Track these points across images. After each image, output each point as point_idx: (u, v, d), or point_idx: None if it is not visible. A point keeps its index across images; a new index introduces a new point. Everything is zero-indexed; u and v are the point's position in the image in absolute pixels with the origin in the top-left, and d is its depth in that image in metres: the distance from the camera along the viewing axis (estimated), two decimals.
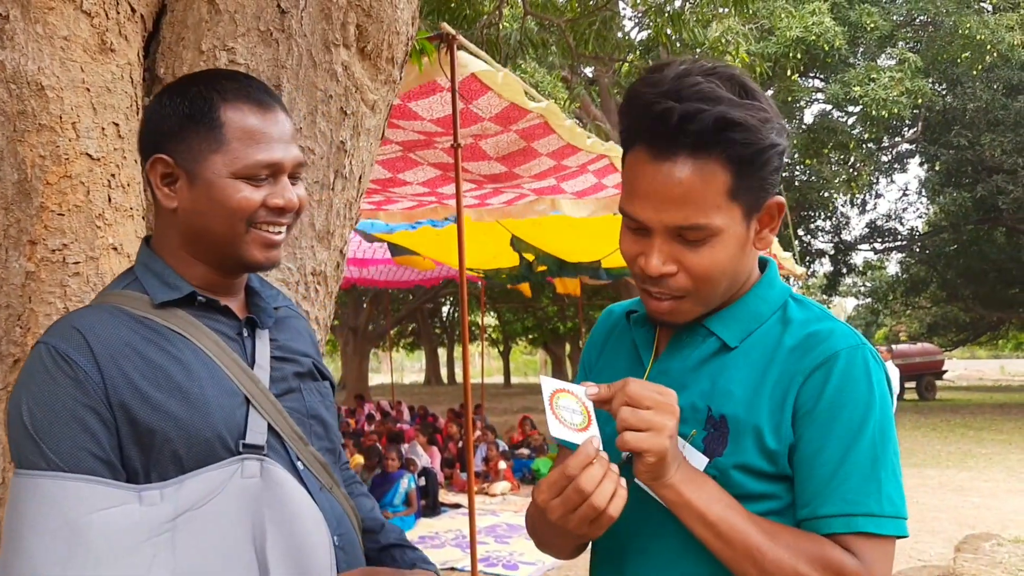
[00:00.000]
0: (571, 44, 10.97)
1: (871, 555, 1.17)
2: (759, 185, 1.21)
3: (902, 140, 24.52)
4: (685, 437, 1.24)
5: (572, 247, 9.58)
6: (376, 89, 2.11)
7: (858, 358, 1.22)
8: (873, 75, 17.88)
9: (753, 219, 1.24)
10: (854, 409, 1.20)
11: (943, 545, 7.44)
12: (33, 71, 1.57)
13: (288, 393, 1.38)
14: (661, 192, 1.17)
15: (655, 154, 1.18)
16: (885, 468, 1.21)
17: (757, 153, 1.16)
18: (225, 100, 1.29)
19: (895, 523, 1.19)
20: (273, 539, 1.19)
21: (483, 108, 4.90)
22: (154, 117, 1.33)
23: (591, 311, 30.21)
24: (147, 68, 1.87)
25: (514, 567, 6.85)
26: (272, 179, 1.31)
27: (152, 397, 1.21)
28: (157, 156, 1.30)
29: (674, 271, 1.23)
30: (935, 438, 15.69)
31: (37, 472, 1.15)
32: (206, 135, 1.28)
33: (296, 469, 1.32)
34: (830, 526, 1.18)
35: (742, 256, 1.26)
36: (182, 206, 1.31)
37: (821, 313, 1.31)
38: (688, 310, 1.28)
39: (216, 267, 1.35)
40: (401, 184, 6.46)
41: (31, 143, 1.57)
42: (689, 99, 1.14)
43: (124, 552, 1.13)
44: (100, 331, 1.23)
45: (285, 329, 1.47)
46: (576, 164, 6.03)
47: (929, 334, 31.38)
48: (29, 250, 1.58)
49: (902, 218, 29.13)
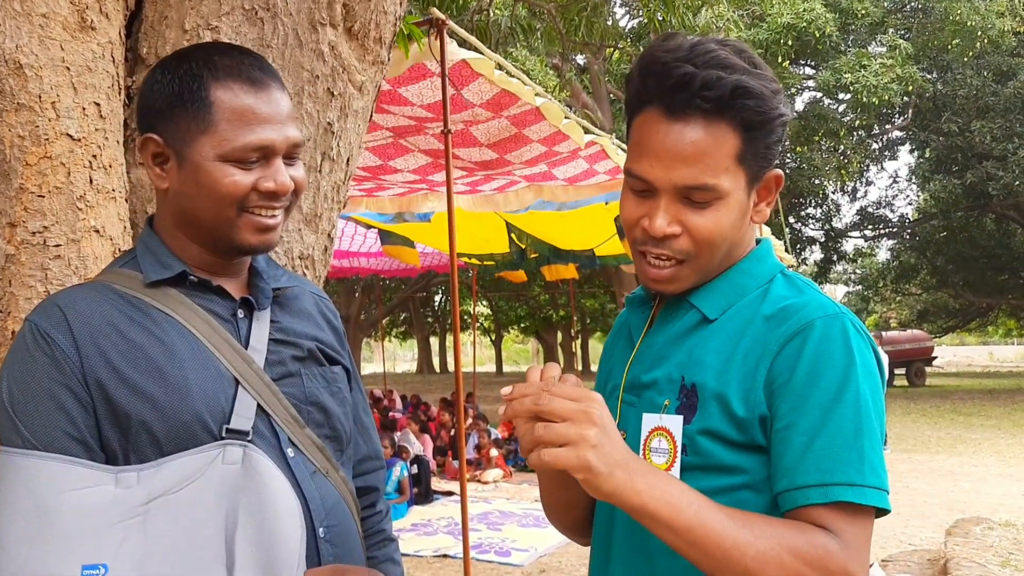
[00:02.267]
0: (561, 30, 10.92)
1: (851, 529, 1.10)
2: (764, 153, 1.22)
3: (892, 127, 24.57)
4: (660, 407, 1.24)
5: (566, 235, 9.57)
6: (364, 70, 2.07)
7: (835, 327, 1.18)
8: (864, 62, 17.90)
9: (754, 189, 1.25)
10: (832, 377, 1.15)
11: (933, 529, 7.47)
12: (11, 49, 1.53)
13: (286, 378, 1.33)
14: (673, 151, 1.18)
15: (669, 114, 1.19)
16: (868, 437, 1.14)
17: (766, 121, 1.19)
18: (216, 78, 1.24)
19: (877, 494, 1.12)
20: (243, 528, 1.15)
21: (474, 94, 4.87)
22: (146, 94, 1.29)
23: (583, 299, 30.23)
24: (129, 48, 1.83)
25: (507, 553, 6.86)
26: (264, 161, 1.26)
27: (129, 377, 1.18)
28: (148, 136, 1.26)
29: (678, 232, 1.22)
30: (925, 424, 15.76)
31: (12, 450, 1.14)
32: (194, 116, 1.23)
33: (285, 456, 1.28)
34: (807, 497, 1.12)
35: (742, 225, 1.26)
36: (172, 187, 1.27)
37: (805, 287, 1.27)
38: (686, 276, 1.26)
39: (211, 249, 1.31)
40: (392, 171, 6.43)
41: (9, 123, 1.53)
42: (708, 65, 1.17)
43: (93, 534, 1.10)
44: (82, 309, 1.21)
45: (290, 310, 1.41)
46: (567, 150, 6.01)
47: (919, 321, 31.51)
48: (8, 232, 1.54)
49: (892, 205, 29.24)
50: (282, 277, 1.41)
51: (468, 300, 23.14)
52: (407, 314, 36.90)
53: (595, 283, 26.31)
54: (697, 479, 1.15)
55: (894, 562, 5.17)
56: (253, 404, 1.26)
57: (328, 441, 1.38)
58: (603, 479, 1.04)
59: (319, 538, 1.28)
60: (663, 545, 1.12)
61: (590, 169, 6.66)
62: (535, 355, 55.72)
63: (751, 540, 1.07)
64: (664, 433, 1.22)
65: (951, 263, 26.11)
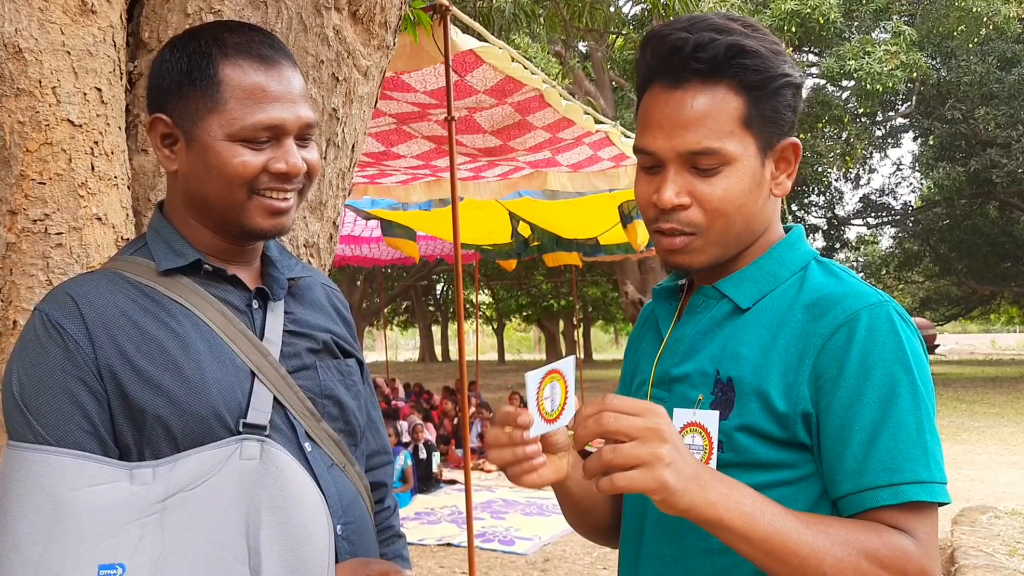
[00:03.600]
0: (564, 17, 10.86)
1: (923, 528, 1.07)
2: (772, 118, 1.19)
3: (896, 114, 24.45)
4: (693, 402, 1.19)
5: (569, 224, 9.52)
6: (369, 55, 2.04)
7: (882, 315, 1.13)
8: (868, 48, 17.78)
9: (768, 157, 1.20)
10: (885, 368, 1.10)
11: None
12: (10, 33, 1.50)
13: (301, 370, 1.30)
14: (674, 118, 1.17)
15: (669, 83, 1.18)
16: (930, 430, 1.11)
17: (768, 80, 1.16)
18: (225, 56, 1.21)
19: (943, 490, 1.10)
20: (268, 527, 1.11)
21: (477, 81, 4.83)
22: (156, 73, 1.25)
23: (585, 288, 30.18)
24: (131, 32, 1.80)
25: (510, 542, 6.85)
26: (275, 141, 1.22)
27: (144, 370, 1.15)
28: (157, 116, 1.23)
29: (687, 203, 1.18)
30: None
31: (24, 445, 1.10)
32: (203, 94, 1.20)
33: (303, 450, 1.24)
34: (877, 499, 1.08)
35: (757, 196, 1.20)
36: (181, 169, 1.24)
37: (843, 274, 1.22)
38: (700, 248, 1.21)
39: (222, 234, 1.27)
40: (395, 157, 6.39)
41: (9, 108, 1.50)
42: (701, 29, 1.16)
43: (109, 532, 1.07)
44: (94, 298, 1.17)
45: (304, 301, 1.38)
46: (571, 137, 5.97)
47: (922, 308, 31.45)
48: (9, 220, 1.52)
49: (895, 193, 29.13)
50: (296, 267, 1.37)
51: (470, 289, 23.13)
52: (409, 303, 36.88)
53: (597, 271, 26.25)
54: (734, 477, 1.09)
55: None
56: (270, 397, 1.22)
57: (343, 435, 1.34)
58: (679, 497, 0.99)
59: (336, 536, 1.24)
60: (698, 545, 1.11)
61: (594, 156, 6.62)
62: (537, 343, 55.72)
63: (828, 547, 1.04)
64: (699, 429, 1.17)
65: (954, 251, 26.02)
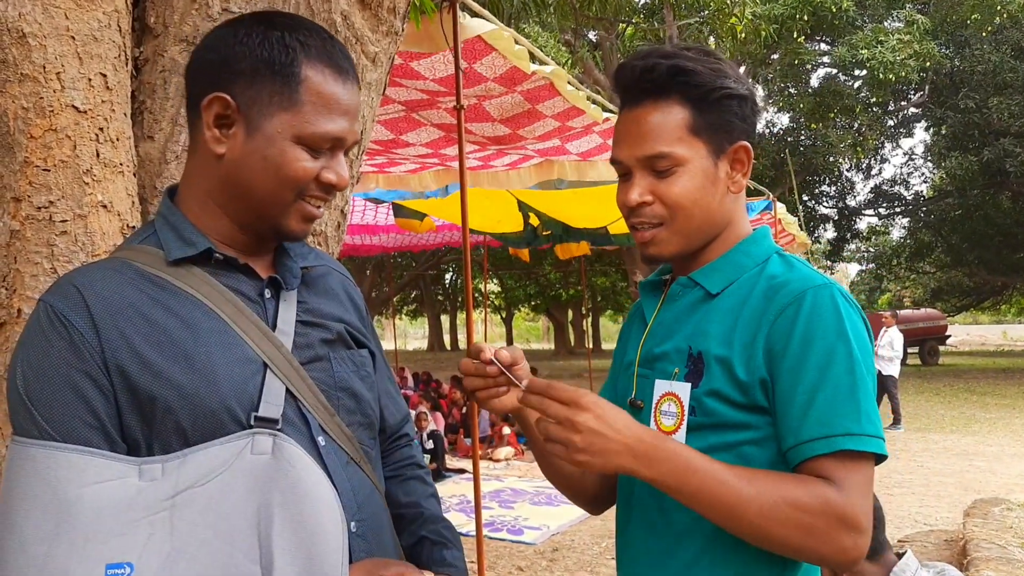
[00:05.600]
0: (574, 5, 10.79)
1: (852, 476, 1.22)
2: (720, 124, 1.39)
3: (908, 104, 24.30)
4: (671, 375, 1.39)
5: (579, 213, 9.49)
6: (377, 41, 2.01)
7: (824, 296, 1.30)
8: (881, 37, 17.66)
9: (722, 159, 1.41)
10: (824, 339, 1.27)
11: (949, 509, 7.43)
12: (13, 17, 1.48)
13: (315, 361, 1.26)
14: (632, 132, 1.41)
15: (630, 104, 1.42)
16: (862, 391, 1.26)
17: (709, 92, 1.37)
18: (308, 56, 1.18)
19: (875, 442, 1.24)
20: (280, 524, 1.08)
21: (487, 68, 4.80)
22: (222, 50, 1.19)
23: (594, 277, 30.14)
24: (136, 17, 1.77)
25: (519, 532, 6.85)
26: (330, 152, 1.21)
27: (153, 363, 1.11)
28: (218, 95, 1.17)
29: (650, 200, 1.40)
30: (939, 403, 15.69)
31: (28, 440, 1.07)
32: (281, 88, 1.17)
33: (316, 444, 1.21)
34: (812, 449, 1.24)
35: (713, 192, 1.41)
36: (231, 155, 1.19)
37: (797, 264, 1.41)
38: (667, 239, 1.42)
39: (244, 226, 1.24)
40: (404, 145, 6.36)
41: (13, 94, 1.48)
42: (653, 57, 1.39)
43: (117, 530, 1.04)
44: (101, 289, 1.13)
45: (317, 290, 1.35)
46: (581, 125, 5.93)
47: (932, 299, 31.30)
48: (13, 207, 1.50)
49: (907, 183, 28.99)
50: (309, 255, 1.34)
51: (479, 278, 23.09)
52: (418, 292, 36.91)
53: (606, 261, 26.21)
54: (706, 436, 1.33)
55: (911, 543, 5.13)
56: (282, 389, 1.19)
57: (361, 428, 1.31)
58: (593, 466, 1.22)
59: (350, 533, 1.21)
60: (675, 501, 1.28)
61: (603, 144, 6.58)
62: (546, 333, 55.71)
63: (754, 496, 1.21)
64: (673, 398, 1.38)
65: (966, 241, 25.87)
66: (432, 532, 1.43)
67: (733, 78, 1.40)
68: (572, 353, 34.56)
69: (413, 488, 1.48)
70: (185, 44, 1.72)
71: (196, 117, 1.22)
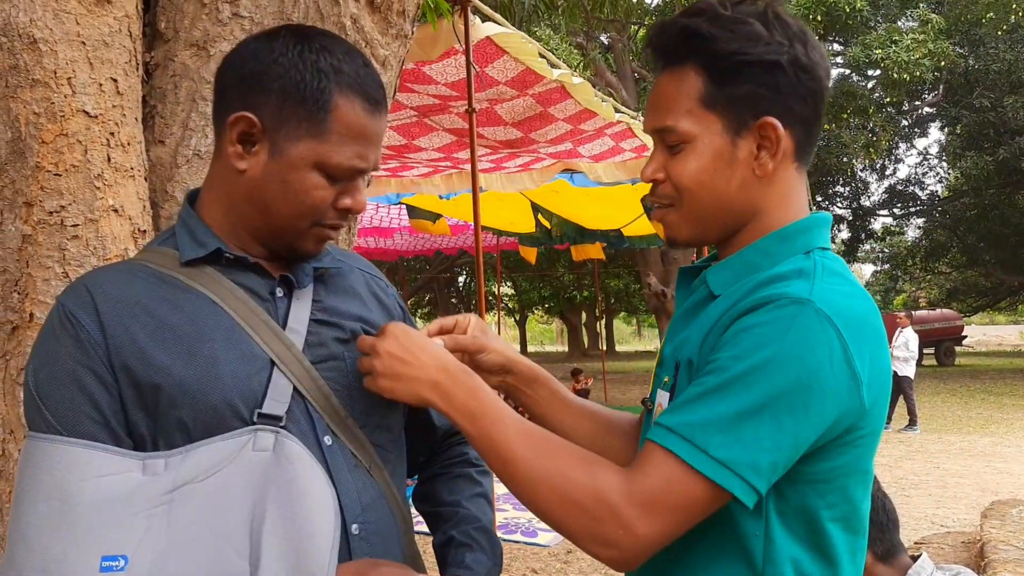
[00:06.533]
0: (585, 7, 10.79)
1: (654, 473, 1.07)
2: (741, 98, 1.19)
3: (923, 104, 24.16)
4: (663, 383, 1.26)
5: (592, 215, 9.48)
6: (387, 44, 2.02)
7: (787, 312, 1.08)
8: (895, 37, 17.56)
9: (744, 138, 1.20)
10: (743, 348, 1.08)
11: (966, 511, 7.37)
12: (25, 23, 1.49)
13: (328, 361, 1.26)
14: (650, 102, 1.27)
15: (657, 71, 1.27)
16: (726, 401, 1.06)
17: (726, 59, 1.17)
18: (339, 84, 1.17)
19: (690, 450, 1.05)
20: (272, 520, 1.09)
21: (498, 72, 4.81)
22: (254, 65, 1.18)
23: (607, 279, 30.10)
24: (147, 23, 1.78)
25: (533, 534, 6.84)
26: (349, 179, 1.21)
27: (156, 359, 1.13)
28: (243, 114, 1.17)
29: (662, 178, 1.25)
30: (955, 404, 15.58)
31: (37, 435, 1.10)
32: (309, 115, 1.16)
33: (321, 444, 1.21)
34: (652, 432, 1.11)
35: (728, 175, 1.21)
36: (251, 172, 1.19)
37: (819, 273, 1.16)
38: (677, 222, 1.27)
39: (259, 240, 1.25)
40: (416, 150, 6.38)
41: (24, 99, 1.49)
42: (675, 19, 1.23)
43: (115, 523, 1.05)
44: (110, 289, 1.16)
45: (334, 289, 1.34)
46: (593, 128, 5.93)
47: (948, 300, 31.10)
48: (25, 212, 1.51)
49: (922, 183, 28.80)
50: (324, 257, 1.33)
51: (492, 281, 23.09)
52: (431, 295, 36.95)
53: (620, 263, 26.17)
54: None
55: (927, 544, 5.09)
56: (289, 387, 1.19)
57: (379, 431, 1.30)
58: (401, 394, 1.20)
59: (351, 535, 1.20)
60: None
61: (616, 147, 6.57)
62: (559, 335, 55.68)
63: (531, 457, 1.13)
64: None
65: (982, 241, 25.69)
66: (461, 532, 1.41)
67: (765, 41, 1.17)
68: (586, 355, 34.51)
69: (458, 486, 1.47)
70: (196, 48, 1.73)
71: (222, 127, 1.21)
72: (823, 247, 1.23)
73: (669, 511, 1.07)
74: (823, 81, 1.21)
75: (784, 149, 1.20)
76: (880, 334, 1.16)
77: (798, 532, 1.14)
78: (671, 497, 1.07)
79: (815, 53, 1.19)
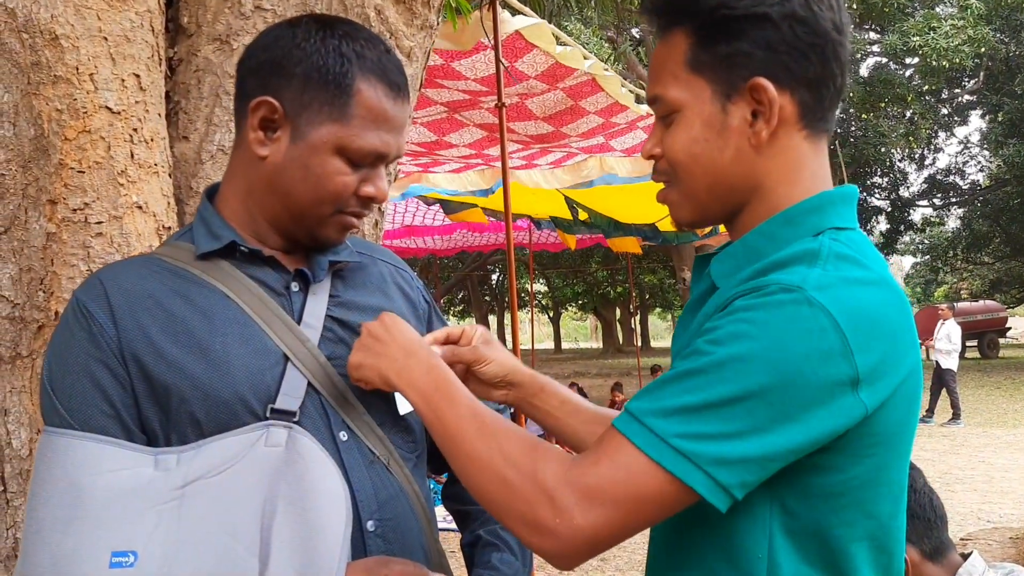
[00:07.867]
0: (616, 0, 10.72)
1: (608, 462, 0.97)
2: (728, 58, 1.06)
3: (963, 91, 23.74)
4: None
5: (626, 209, 9.40)
6: (412, 35, 1.98)
7: (773, 300, 0.96)
8: (933, 24, 17.25)
9: (735, 103, 1.07)
10: (721, 335, 0.97)
11: (1013, 506, 7.21)
12: (46, 19, 1.47)
13: (344, 356, 1.23)
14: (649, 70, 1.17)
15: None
16: (696, 390, 0.95)
17: (708, 13, 1.06)
18: (362, 69, 1.16)
19: (648, 436, 0.95)
20: (283, 516, 1.07)
21: (528, 66, 4.77)
22: (276, 51, 1.18)
23: (642, 275, 29.93)
24: (170, 18, 1.77)
25: None
26: (371, 165, 1.20)
27: (168, 352, 1.12)
28: (265, 99, 1.16)
29: (659, 153, 1.14)
30: (1000, 396, 15.28)
31: (52, 429, 1.10)
32: (332, 99, 1.15)
33: (336, 439, 1.19)
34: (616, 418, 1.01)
35: (721, 145, 1.08)
36: (273, 158, 1.18)
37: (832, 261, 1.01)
38: (674, 200, 1.15)
39: (281, 229, 1.23)
40: (447, 147, 6.37)
41: (47, 96, 1.48)
42: None
43: (125, 518, 1.04)
44: (123, 282, 1.15)
45: (354, 283, 1.32)
46: (625, 121, 5.88)
47: (991, 291, 30.55)
48: (49, 210, 1.49)
49: (963, 172, 28.32)
50: (343, 251, 1.31)
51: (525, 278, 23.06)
52: (465, 292, 37.03)
53: (654, 258, 25.99)
54: None
55: (973, 540, 4.97)
56: (303, 383, 1.17)
57: (394, 430, 1.27)
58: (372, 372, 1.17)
59: (366, 532, 1.18)
60: None
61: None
62: (593, 332, 55.54)
63: (475, 438, 1.06)
64: None
65: None
66: (489, 532, 1.39)
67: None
68: (620, 351, 34.38)
69: None
70: (219, 43, 1.71)
71: (243, 115, 1.21)
72: (839, 227, 1.07)
73: (615, 502, 0.96)
74: (830, 35, 1.05)
75: (783, 114, 1.06)
76: (899, 326, 1.01)
77: (811, 554, 1.02)
78: (620, 487, 0.96)
79: (819, 4, 1.05)
